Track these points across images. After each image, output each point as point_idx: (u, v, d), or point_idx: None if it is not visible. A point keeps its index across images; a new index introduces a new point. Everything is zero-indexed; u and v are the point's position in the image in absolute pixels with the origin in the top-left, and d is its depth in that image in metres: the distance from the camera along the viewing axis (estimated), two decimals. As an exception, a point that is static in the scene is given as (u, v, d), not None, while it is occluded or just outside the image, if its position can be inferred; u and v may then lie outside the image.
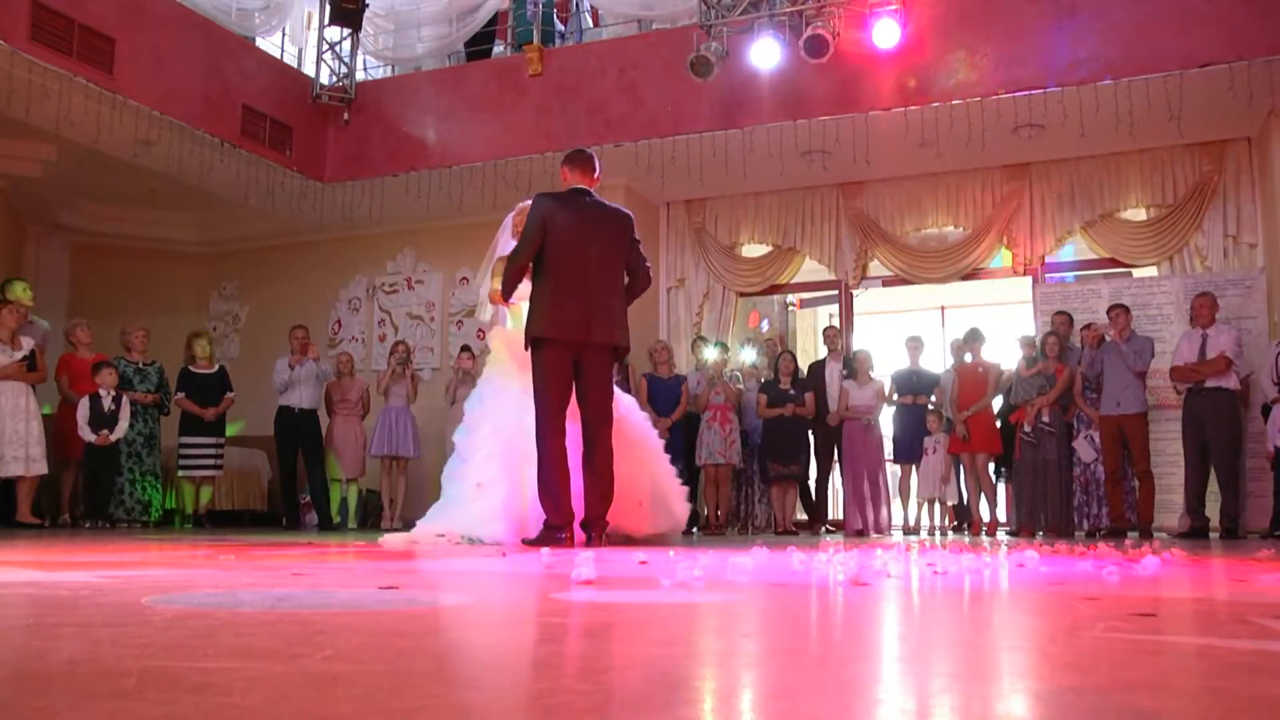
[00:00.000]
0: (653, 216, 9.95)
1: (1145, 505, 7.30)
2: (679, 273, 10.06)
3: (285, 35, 9.78)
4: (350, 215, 10.00)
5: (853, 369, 8.52)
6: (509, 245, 5.31)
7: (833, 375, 8.64)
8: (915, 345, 8.63)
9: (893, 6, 7.50)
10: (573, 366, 4.89)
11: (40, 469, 7.39)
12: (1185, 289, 7.90)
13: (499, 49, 9.97)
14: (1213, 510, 7.20)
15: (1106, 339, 7.52)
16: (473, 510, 5.00)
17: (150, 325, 8.82)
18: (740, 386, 8.75)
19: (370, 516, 9.29)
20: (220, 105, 8.55)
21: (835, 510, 9.17)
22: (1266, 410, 7.09)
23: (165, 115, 8.03)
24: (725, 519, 8.41)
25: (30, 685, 0.98)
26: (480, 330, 9.25)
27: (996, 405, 8.21)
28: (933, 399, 8.44)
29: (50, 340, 8.38)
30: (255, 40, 9.28)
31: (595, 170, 5.12)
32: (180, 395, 8.55)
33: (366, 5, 9.38)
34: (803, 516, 8.82)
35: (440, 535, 5.01)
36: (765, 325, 11.92)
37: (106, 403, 7.79)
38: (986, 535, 7.73)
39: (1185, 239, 8.51)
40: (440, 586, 2.46)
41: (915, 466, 8.41)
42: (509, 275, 5.01)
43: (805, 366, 8.98)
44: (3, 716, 0.80)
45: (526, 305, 5.05)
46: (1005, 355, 8.45)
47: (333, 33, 9.53)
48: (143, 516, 8.08)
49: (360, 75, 9.77)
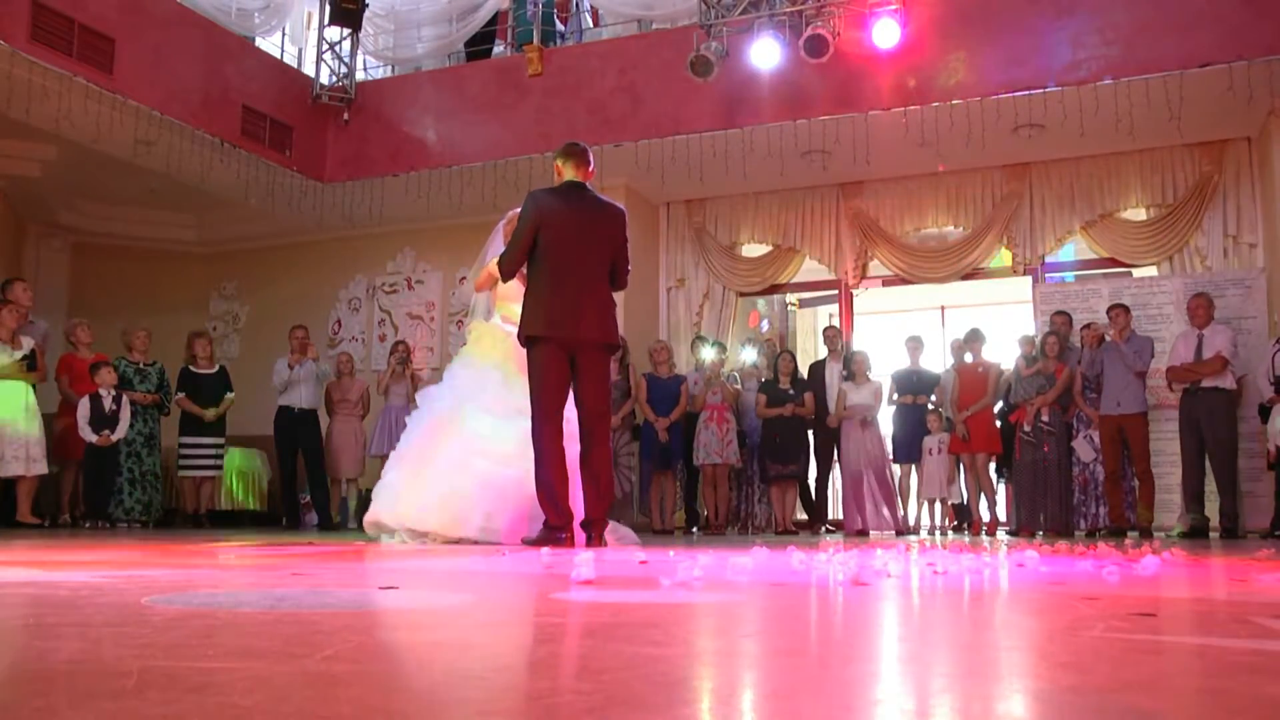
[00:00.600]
0: (653, 216, 9.95)
1: (1145, 505, 7.30)
2: (679, 273, 10.05)
3: (285, 35, 9.78)
4: (350, 215, 10.00)
5: (851, 369, 8.53)
6: (499, 252, 5.27)
7: (832, 375, 8.65)
8: (915, 345, 8.64)
9: (893, 6, 7.50)
10: (569, 364, 4.84)
11: (40, 469, 7.39)
12: (1185, 289, 7.90)
13: (499, 49, 9.97)
14: (1212, 510, 7.21)
15: (1106, 339, 7.52)
16: (392, 482, 5.26)
17: (150, 325, 8.82)
18: (738, 386, 8.75)
19: (370, 516, 9.27)
20: (220, 105, 8.55)
21: (835, 510, 9.17)
22: (1265, 410, 7.09)
23: (165, 115, 8.03)
24: (725, 519, 8.42)
25: (30, 685, 0.98)
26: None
27: (997, 405, 8.22)
28: (932, 399, 8.45)
29: (50, 340, 8.38)
30: (255, 40, 9.28)
31: (590, 164, 5.05)
32: (180, 395, 8.55)
33: (366, 5, 9.38)
34: (802, 516, 8.83)
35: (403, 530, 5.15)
36: (765, 325, 11.92)
37: (107, 403, 7.79)
38: (986, 535, 7.73)
39: (1185, 239, 8.51)
40: (440, 586, 2.46)
41: (915, 466, 8.41)
42: (504, 265, 5.01)
43: (805, 366, 9.00)
44: (3, 716, 0.80)
45: (518, 308, 5.04)
46: (1005, 355, 8.46)
47: (333, 33, 9.54)
48: (143, 516, 8.08)
49: (360, 75, 9.77)
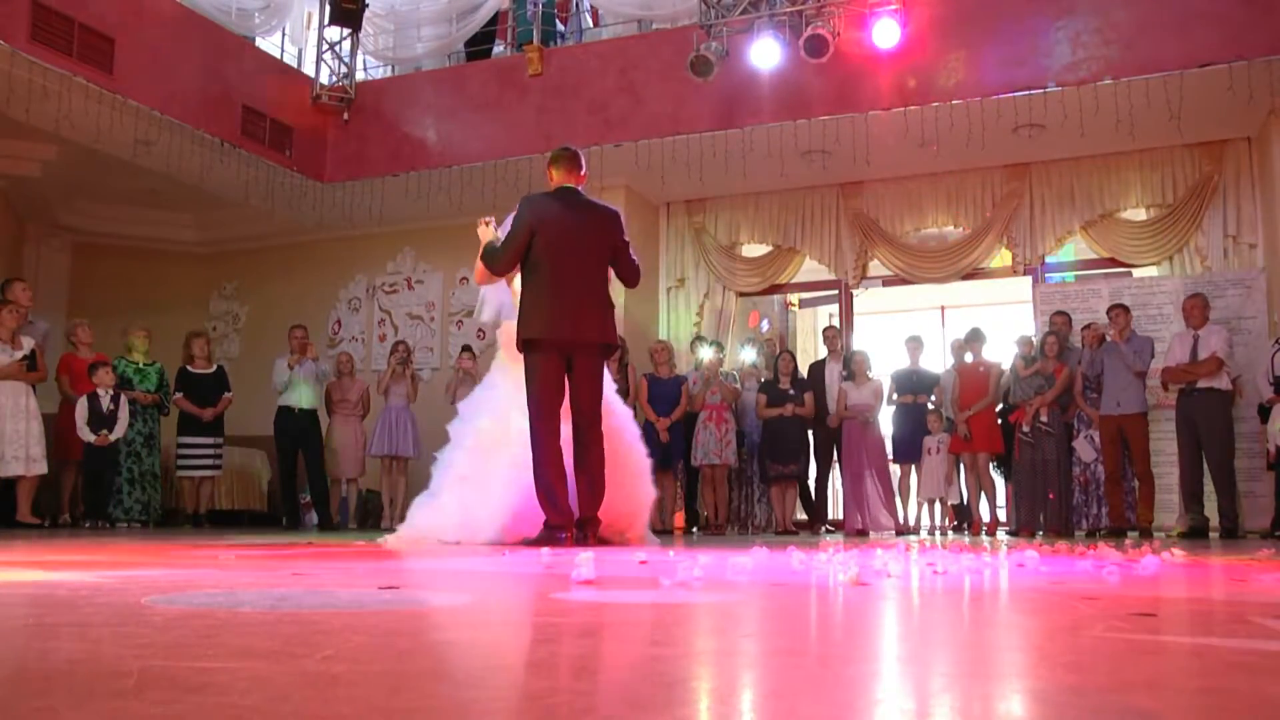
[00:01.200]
0: (653, 216, 9.94)
1: (1145, 505, 7.30)
2: (679, 273, 10.04)
3: (285, 35, 9.78)
4: (350, 215, 10.00)
5: (851, 369, 8.53)
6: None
7: (832, 375, 8.65)
8: (915, 345, 8.64)
9: (893, 6, 7.50)
10: (565, 367, 4.88)
11: (40, 469, 7.39)
12: (1185, 289, 7.90)
13: (499, 49, 9.97)
14: (1211, 510, 7.20)
15: (1107, 339, 7.52)
16: (448, 503, 4.99)
17: (150, 325, 8.81)
18: (737, 386, 8.75)
19: (370, 516, 9.29)
20: (220, 105, 8.55)
21: (835, 510, 9.17)
22: (1265, 411, 7.08)
23: (165, 115, 8.03)
24: (724, 519, 8.41)
25: (30, 685, 0.98)
26: (480, 330, 9.25)
27: (997, 405, 8.21)
28: (932, 398, 8.45)
29: (50, 340, 8.38)
30: (255, 40, 9.28)
31: (582, 168, 5.09)
32: (178, 395, 8.55)
33: (366, 5, 9.38)
34: (802, 516, 8.83)
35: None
36: (765, 325, 11.92)
37: (105, 403, 7.79)
38: (986, 535, 7.73)
39: (1185, 239, 8.51)
40: (440, 586, 2.46)
41: (915, 466, 8.41)
42: (495, 267, 5.00)
43: (805, 366, 8.99)
44: (3, 716, 0.80)
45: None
46: (1006, 355, 8.46)
47: (333, 33, 9.54)
48: (142, 516, 8.08)
49: (360, 75, 9.77)
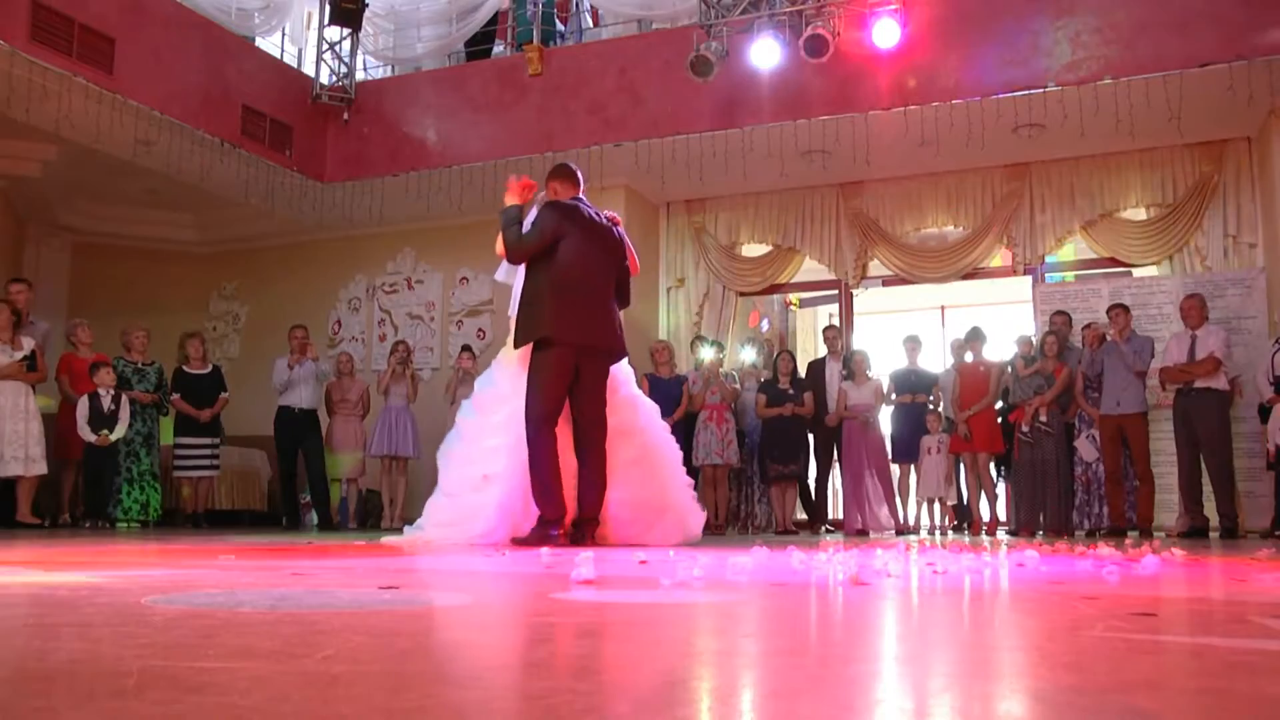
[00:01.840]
0: (653, 216, 9.94)
1: (1145, 505, 7.30)
2: (679, 273, 10.04)
3: (285, 35, 9.78)
4: (350, 215, 10.00)
5: (851, 369, 8.53)
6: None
7: (832, 375, 8.65)
8: (914, 345, 8.64)
9: (893, 6, 7.50)
10: (573, 371, 4.96)
11: (40, 469, 7.38)
12: (1185, 289, 7.90)
13: (499, 49, 9.97)
14: (1211, 510, 7.20)
15: (1107, 339, 7.52)
16: (472, 503, 4.93)
17: (150, 325, 8.80)
18: (737, 386, 8.74)
19: (370, 516, 9.29)
20: (220, 105, 8.54)
21: (835, 510, 9.17)
22: (1265, 411, 7.08)
23: (165, 115, 8.03)
24: (724, 519, 8.41)
25: (30, 685, 0.98)
26: (480, 330, 9.22)
27: (997, 404, 8.21)
28: (931, 398, 8.45)
29: (50, 340, 8.38)
30: (255, 40, 9.28)
31: (580, 183, 5.37)
32: (175, 396, 8.54)
33: (366, 5, 9.38)
34: (802, 516, 8.83)
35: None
36: (765, 325, 11.93)
37: (105, 402, 7.79)
38: (986, 535, 7.73)
39: (1185, 239, 8.51)
40: (440, 586, 2.46)
41: (914, 466, 8.41)
42: (510, 254, 5.10)
43: (805, 366, 8.99)
44: (3, 716, 0.80)
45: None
46: (1006, 355, 8.45)
47: (333, 33, 9.54)
48: (142, 516, 8.08)
49: (360, 75, 9.77)
